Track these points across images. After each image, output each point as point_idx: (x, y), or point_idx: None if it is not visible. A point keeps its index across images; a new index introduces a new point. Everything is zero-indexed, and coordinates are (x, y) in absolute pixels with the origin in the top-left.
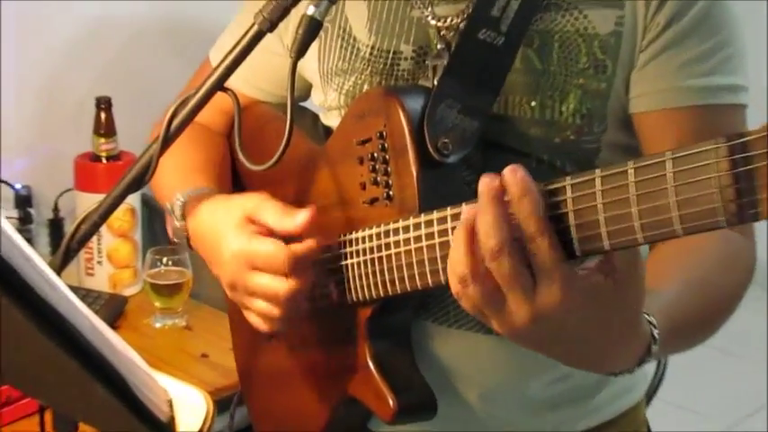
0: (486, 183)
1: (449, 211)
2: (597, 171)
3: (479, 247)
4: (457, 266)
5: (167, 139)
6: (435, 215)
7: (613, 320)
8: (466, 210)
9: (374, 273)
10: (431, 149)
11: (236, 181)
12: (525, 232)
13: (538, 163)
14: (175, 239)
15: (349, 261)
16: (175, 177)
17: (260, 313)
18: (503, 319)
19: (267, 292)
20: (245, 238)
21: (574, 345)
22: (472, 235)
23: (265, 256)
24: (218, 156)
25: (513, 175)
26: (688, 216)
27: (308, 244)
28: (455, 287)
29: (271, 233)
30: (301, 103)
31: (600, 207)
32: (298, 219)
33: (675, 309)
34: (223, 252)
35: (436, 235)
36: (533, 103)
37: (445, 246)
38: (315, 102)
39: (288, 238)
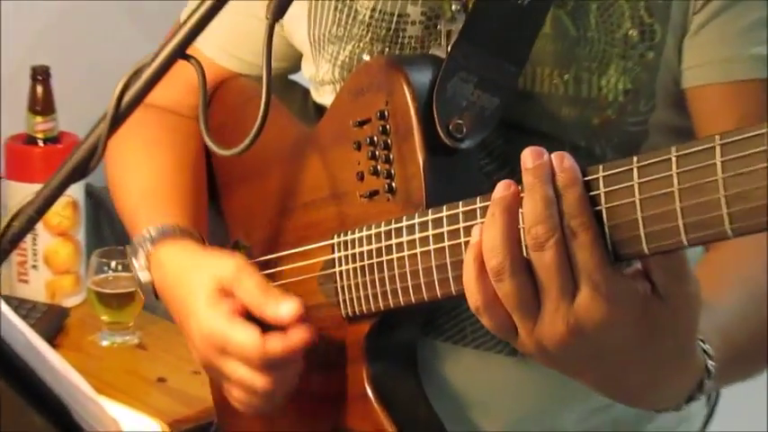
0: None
1: (461, 208)
2: (634, 159)
3: (510, 241)
4: (491, 258)
5: (117, 118)
6: (445, 212)
7: (662, 344)
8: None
9: (372, 281)
10: (441, 132)
11: (211, 172)
12: (568, 227)
13: (572, 149)
14: (142, 294)
15: (342, 267)
16: (139, 202)
17: (238, 399)
18: (532, 331)
19: (243, 383)
20: (216, 319)
21: (613, 370)
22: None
23: (238, 347)
24: (192, 152)
25: (561, 162)
26: (739, 214)
27: (291, 342)
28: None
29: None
30: (292, 77)
31: (638, 203)
32: (282, 310)
33: (735, 331)
34: (192, 329)
35: (446, 236)
36: (566, 77)
37: (456, 249)
38: (305, 75)
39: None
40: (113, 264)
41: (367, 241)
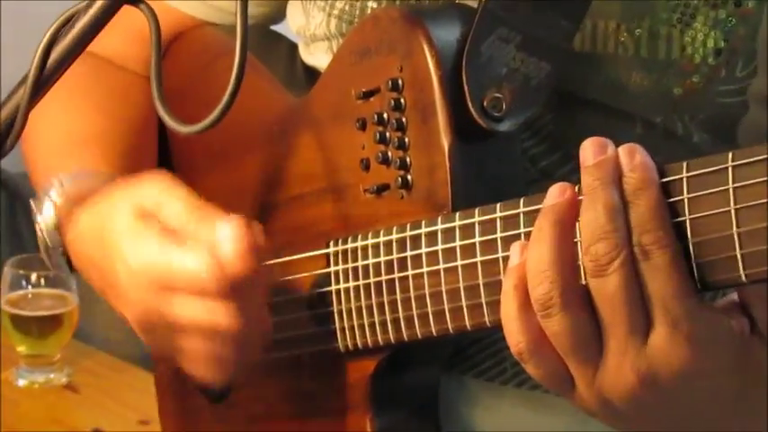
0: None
1: (499, 212)
2: (730, 156)
3: (563, 264)
4: (536, 286)
5: (41, 81)
6: (478, 217)
7: (765, 397)
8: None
9: (380, 306)
10: (473, 110)
11: (165, 155)
12: (639, 245)
13: (646, 128)
14: (45, 258)
15: (341, 285)
16: (56, 152)
17: (201, 357)
18: (592, 382)
19: (201, 322)
20: (147, 250)
21: (698, 430)
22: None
23: (183, 273)
24: (132, 113)
25: (630, 158)
26: None
27: (247, 260)
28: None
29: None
30: (276, 28)
31: (733, 215)
32: (221, 231)
33: None
34: (120, 278)
35: (479, 249)
36: (638, 33)
37: (492, 267)
38: (292, 28)
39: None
40: (33, 277)
41: (373, 252)
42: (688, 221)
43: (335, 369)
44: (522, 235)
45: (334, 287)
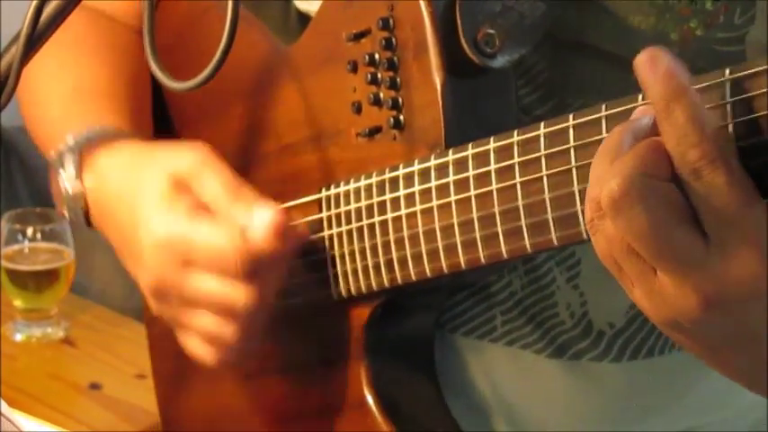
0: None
1: (492, 144)
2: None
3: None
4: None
5: (35, 37)
6: (471, 150)
7: None
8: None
9: (373, 248)
10: (466, 45)
11: (158, 106)
12: (683, 163)
13: None
14: (65, 213)
15: (333, 230)
16: (65, 107)
17: (205, 335)
18: (650, 294)
19: (216, 301)
20: (175, 221)
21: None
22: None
23: (208, 250)
24: (132, 68)
25: (653, 66)
26: None
27: (273, 239)
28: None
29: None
30: None
31: None
32: (257, 217)
33: None
34: (142, 243)
35: (472, 183)
36: None
37: (486, 200)
38: None
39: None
40: (30, 231)
41: (366, 194)
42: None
43: (330, 318)
44: (517, 165)
45: (326, 232)
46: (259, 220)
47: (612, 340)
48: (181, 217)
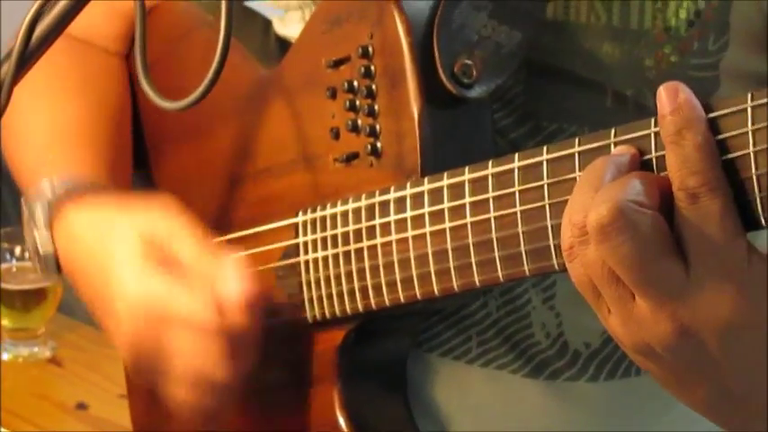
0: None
1: (467, 175)
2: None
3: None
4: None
5: (26, 57)
6: (447, 180)
7: None
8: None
9: (348, 274)
10: (444, 76)
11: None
12: (683, 187)
13: (616, 101)
14: (36, 264)
15: (309, 256)
16: (38, 153)
17: (186, 389)
18: (627, 319)
19: (195, 358)
20: (150, 281)
21: (735, 388)
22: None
23: (185, 308)
24: (110, 101)
25: (673, 96)
26: None
27: (247, 308)
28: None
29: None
30: (250, 3)
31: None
32: (231, 287)
33: None
34: (116, 302)
35: (447, 215)
36: (610, 2)
37: (460, 232)
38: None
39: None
40: (18, 250)
41: (342, 220)
42: (752, 155)
43: (304, 340)
44: (491, 199)
45: (302, 257)
46: (230, 280)
47: (589, 360)
48: (154, 277)
